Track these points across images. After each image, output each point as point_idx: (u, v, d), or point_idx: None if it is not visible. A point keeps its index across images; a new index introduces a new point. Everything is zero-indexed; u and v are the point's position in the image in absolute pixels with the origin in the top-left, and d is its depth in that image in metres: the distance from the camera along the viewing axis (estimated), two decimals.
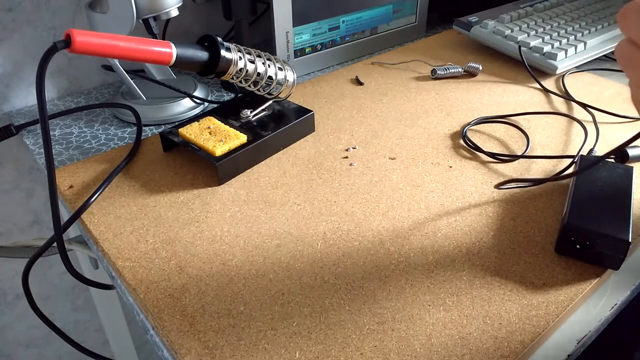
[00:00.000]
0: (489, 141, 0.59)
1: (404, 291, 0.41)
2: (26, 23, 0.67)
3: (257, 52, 0.56)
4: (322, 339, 0.37)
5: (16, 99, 0.70)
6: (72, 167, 0.56)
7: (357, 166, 0.55)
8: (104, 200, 0.51)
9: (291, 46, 0.73)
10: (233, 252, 0.44)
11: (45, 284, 0.87)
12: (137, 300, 0.41)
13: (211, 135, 0.55)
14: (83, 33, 0.41)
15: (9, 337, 0.88)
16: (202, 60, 0.51)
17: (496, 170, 0.55)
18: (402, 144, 0.59)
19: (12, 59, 0.68)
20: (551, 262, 0.43)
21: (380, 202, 0.50)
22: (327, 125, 0.63)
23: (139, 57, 0.45)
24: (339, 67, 0.80)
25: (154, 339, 0.39)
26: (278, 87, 0.59)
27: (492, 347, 0.36)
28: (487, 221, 0.48)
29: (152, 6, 0.60)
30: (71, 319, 0.94)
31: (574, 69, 0.76)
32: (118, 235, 0.46)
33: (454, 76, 0.75)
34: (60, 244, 0.48)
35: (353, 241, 0.46)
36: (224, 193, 0.52)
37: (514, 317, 0.38)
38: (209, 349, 0.36)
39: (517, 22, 0.81)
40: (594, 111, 0.65)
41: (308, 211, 0.49)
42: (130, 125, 0.65)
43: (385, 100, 0.69)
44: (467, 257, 0.44)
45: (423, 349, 0.36)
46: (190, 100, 0.67)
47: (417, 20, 0.88)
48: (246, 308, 0.39)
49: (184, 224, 0.48)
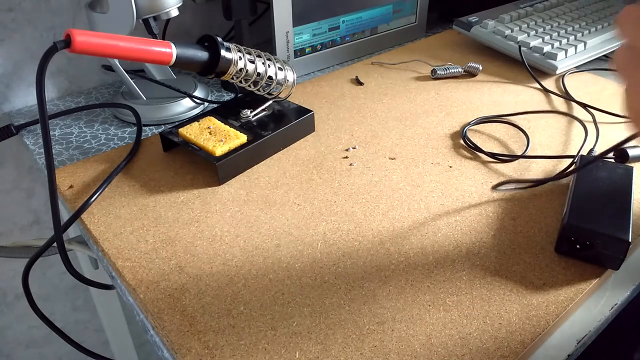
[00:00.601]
0: (488, 141, 0.59)
1: (404, 291, 0.41)
2: (26, 23, 0.67)
3: (257, 52, 0.56)
4: (322, 339, 0.37)
5: (16, 99, 0.70)
6: (72, 167, 0.56)
7: (357, 166, 0.55)
8: (104, 200, 0.51)
9: (291, 46, 0.73)
10: (233, 252, 0.44)
11: (45, 284, 0.87)
12: (137, 300, 0.41)
13: (211, 135, 0.55)
14: (83, 33, 0.41)
15: (9, 337, 0.88)
16: (202, 60, 0.51)
17: (496, 170, 0.55)
18: (402, 144, 0.59)
19: (12, 59, 0.68)
20: (551, 262, 0.43)
21: (380, 202, 0.50)
22: (327, 125, 0.63)
23: (139, 57, 0.45)
24: (339, 67, 0.80)
25: (154, 339, 0.39)
26: (278, 87, 0.59)
27: (492, 347, 0.36)
28: (487, 221, 0.48)
29: (152, 6, 0.60)
30: (71, 319, 0.94)
31: (574, 69, 0.76)
32: (118, 235, 0.46)
33: (454, 76, 0.75)
34: (60, 244, 0.48)
35: (353, 241, 0.46)
36: (224, 193, 0.52)
37: (514, 317, 0.38)
38: (209, 349, 0.36)
39: (517, 22, 0.81)
40: (594, 111, 0.65)
41: (308, 211, 0.49)
42: (130, 125, 0.65)
43: (385, 100, 0.69)
44: (467, 257, 0.44)
45: (423, 349, 0.36)
46: (190, 100, 0.67)
47: (417, 20, 0.88)
48: (246, 308, 0.39)
49: (184, 224, 0.48)
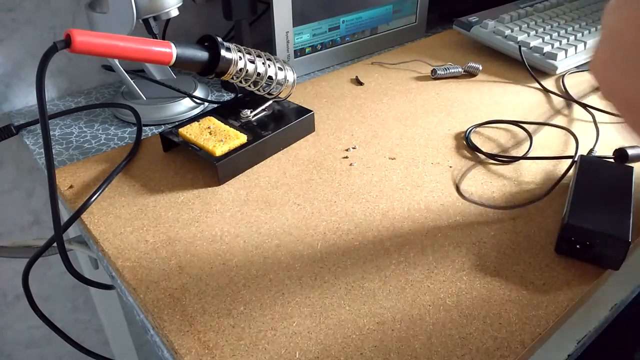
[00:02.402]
0: (489, 141, 0.59)
1: (404, 291, 0.41)
2: (26, 23, 0.67)
3: (257, 52, 0.56)
4: (322, 339, 0.37)
5: (16, 99, 0.70)
6: (72, 167, 0.56)
7: (357, 166, 0.55)
8: (104, 200, 0.51)
9: (291, 46, 0.73)
10: (233, 252, 0.44)
11: (45, 284, 0.87)
12: (137, 300, 0.41)
13: (211, 135, 0.55)
14: (83, 33, 0.41)
15: (9, 337, 0.88)
16: (202, 60, 0.51)
17: (496, 171, 0.55)
18: (402, 144, 0.59)
19: (12, 59, 0.68)
20: (551, 262, 0.43)
21: (380, 202, 0.50)
22: (327, 125, 0.63)
23: (139, 57, 0.45)
24: (339, 67, 0.80)
25: (154, 339, 0.39)
26: (278, 87, 0.59)
27: (492, 347, 0.36)
28: (487, 221, 0.48)
29: (152, 6, 0.60)
30: (71, 319, 0.94)
31: (574, 69, 0.76)
32: (118, 235, 0.46)
33: (454, 76, 0.75)
34: (60, 244, 0.48)
35: (353, 241, 0.45)
36: (224, 193, 0.52)
37: (514, 317, 0.38)
38: (209, 349, 0.36)
39: (517, 22, 0.81)
40: (594, 111, 0.65)
41: (308, 211, 0.49)
42: (130, 125, 0.65)
43: (385, 100, 0.69)
44: (467, 257, 0.44)
45: (423, 349, 0.36)
46: (190, 100, 0.67)
47: (417, 20, 0.88)
48: (246, 308, 0.39)
49: (184, 224, 0.48)
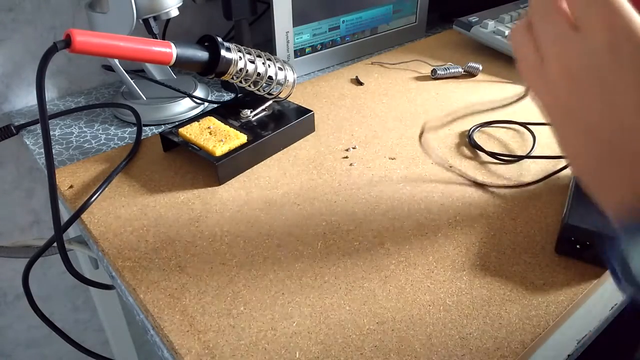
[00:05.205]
0: (490, 140, 0.59)
1: (404, 291, 0.41)
2: (26, 23, 0.67)
3: (257, 52, 0.56)
4: (322, 339, 0.37)
5: (16, 99, 0.70)
6: (72, 167, 0.56)
7: (357, 166, 0.55)
8: (104, 200, 0.51)
9: (291, 46, 0.73)
10: (233, 252, 0.44)
11: (45, 284, 0.87)
12: (137, 300, 0.41)
13: (211, 135, 0.55)
14: (83, 33, 0.41)
15: (9, 337, 0.88)
16: (202, 60, 0.51)
17: (496, 171, 0.55)
18: (402, 144, 0.59)
19: (12, 59, 0.68)
20: (551, 262, 0.43)
21: (380, 202, 0.50)
22: (327, 125, 0.63)
23: (139, 57, 0.45)
24: (339, 67, 0.80)
25: (154, 339, 0.39)
26: (278, 87, 0.59)
27: (492, 347, 0.36)
28: (487, 221, 0.48)
29: (152, 6, 0.60)
30: (71, 319, 0.94)
31: None
32: (118, 235, 0.46)
33: (454, 76, 0.75)
34: (60, 244, 0.48)
35: (353, 241, 0.45)
36: (224, 193, 0.52)
37: (514, 317, 0.38)
38: (209, 349, 0.36)
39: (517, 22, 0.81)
40: None
41: (308, 211, 0.49)
42: (130, 125, 0.65)
43: (385, 100, 0.69)
44: (467, 257, 0.44)
45: (423, 349, 0.36)
46: (190, 100, 0.67)
47: (417, 20, 0.88)
48: (246, 308, 0.39)
49: (184, 224, 0.48)
